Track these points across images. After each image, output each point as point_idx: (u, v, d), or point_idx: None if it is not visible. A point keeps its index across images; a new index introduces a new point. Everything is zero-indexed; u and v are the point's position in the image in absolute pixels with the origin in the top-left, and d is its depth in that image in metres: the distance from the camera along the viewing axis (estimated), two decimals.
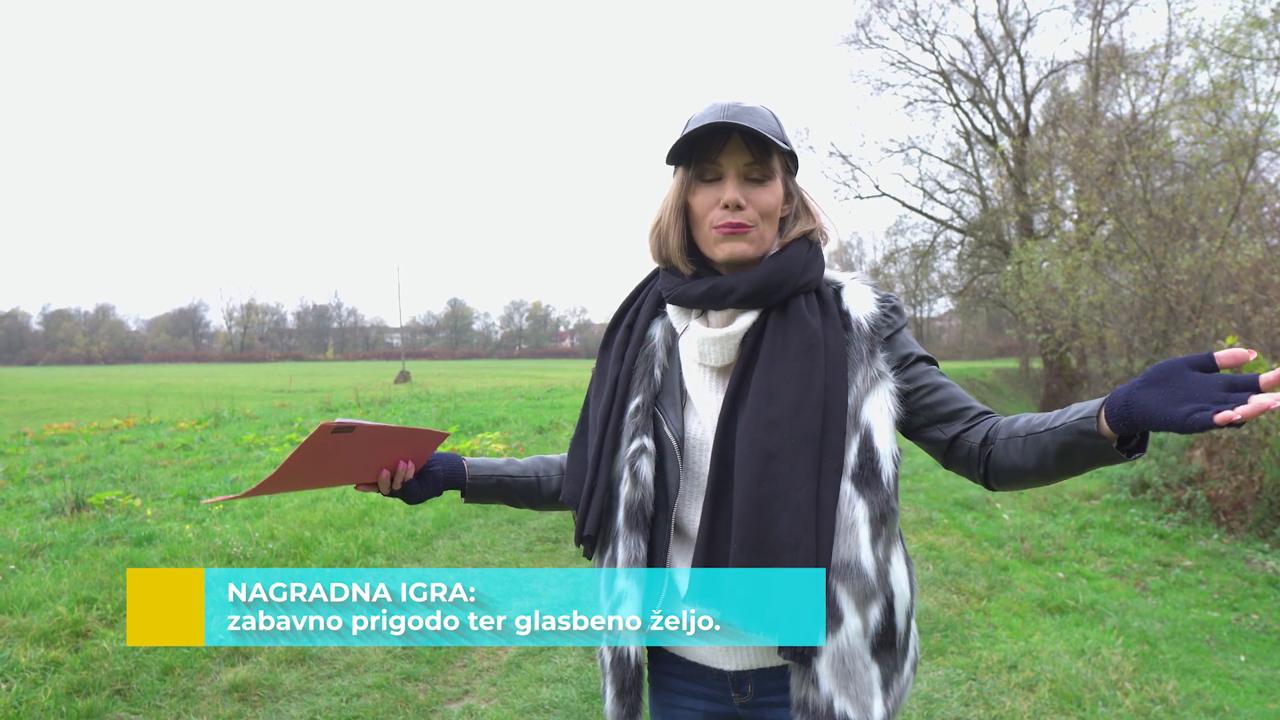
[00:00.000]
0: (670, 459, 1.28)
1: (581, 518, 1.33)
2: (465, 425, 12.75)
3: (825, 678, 1.20)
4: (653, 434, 1.29)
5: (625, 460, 1.29)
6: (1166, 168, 14.02)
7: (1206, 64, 12.25)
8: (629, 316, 1.40)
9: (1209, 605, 4.82)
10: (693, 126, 1.26)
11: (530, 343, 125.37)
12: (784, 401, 1.20)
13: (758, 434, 1.20)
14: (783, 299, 1.27)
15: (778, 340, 1.25)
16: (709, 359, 1.29)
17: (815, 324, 1.26)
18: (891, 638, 1.25)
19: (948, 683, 3.67)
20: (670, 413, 1.30)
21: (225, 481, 8.11)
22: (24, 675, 3.41)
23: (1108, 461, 1.08)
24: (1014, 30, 24.35)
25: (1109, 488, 7.55)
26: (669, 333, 1.35)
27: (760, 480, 1.18)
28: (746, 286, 1.26)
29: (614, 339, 1.40)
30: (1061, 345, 17.24)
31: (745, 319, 1.28)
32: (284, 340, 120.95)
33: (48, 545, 5.29)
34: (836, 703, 1.20)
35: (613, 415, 1.32)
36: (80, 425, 15.42)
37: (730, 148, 1.26)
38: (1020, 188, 22.98)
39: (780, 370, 1.22)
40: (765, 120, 1.28)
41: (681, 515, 1.28)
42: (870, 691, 1.22)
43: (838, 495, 1.20)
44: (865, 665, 1.22)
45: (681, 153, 1.30)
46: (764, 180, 1.28)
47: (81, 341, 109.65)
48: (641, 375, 1.32)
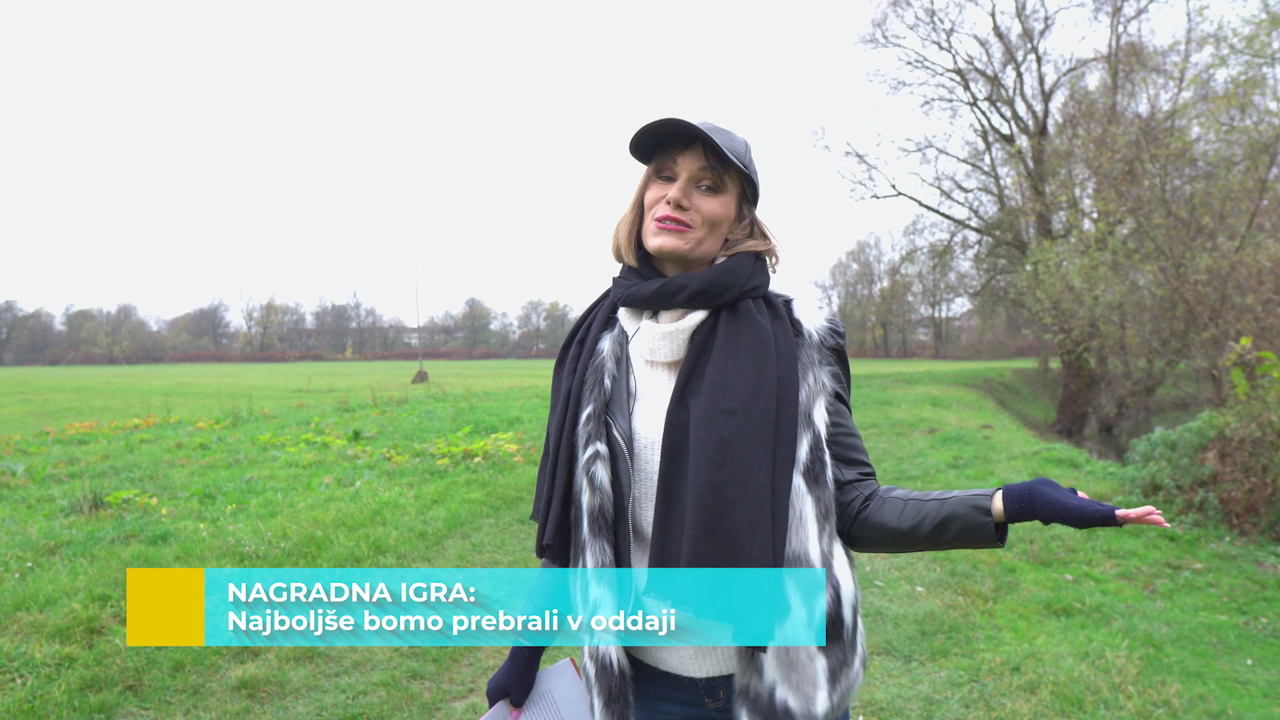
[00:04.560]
0: (621, 461, 1.30)
1: (540, 528, 1.37)
2: (479, 425, 12.81)
3: (769, 666, 1.23)
4: (605, 439, 1.32)
5: (582, 468, 1.32)
6: (1186, 166, 13.90)
7: (1226, 62, 12.16)
8: (580, 333, 1.44)
9: (1218, 608, 4.79)
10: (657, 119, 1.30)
11: (548, 343, 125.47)
12: (739, 392, 1.24)
13: (714, 422, 1.22)
14: (731, 300, 1.32)
15: (729, 336, 1.29)
16: (659, 354, 1.33)
17: (765, 324, 1.31)
18: (839, 630, 1.28)
19: (949, 684, 3.67)
20: (619, 416, 1.32)
21: (241, 481, 8.21)
22: (39, 670, 3.48)
23: (978, 541, 1.22)
24: (1032, 28, 24.20)
25: (1121, 489, 7.50)
26: (618, 343, 1.39)
27: (718, 467, 1.20)
28: (696, 285, 1.30)
29: (567, 355, 1.44)
30: (1079, 345, 17.12)
31: (695, 316, 1.32)
32: (303, 340, 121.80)
33: (65, 543, 5.38)
34: (778, 692, 1.23)
35: (565, 426, 1.35)
36: (101, 425, 15.63)
37: (690, 152, 1.32)
38: (1038, 187, 22.83)
39: (734, 364, 1.26)
40: (732, 141, 1.33)
41: (638, 516, 1.31)
42: (814, 683, 1.25)
43: (790, 485, 1.24)
44: (810, 656, 1.25)
45: (647, 150, 1.36)
46: (714, 191, 1.33)
47: (104, 342, 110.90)
48: (592, 385, 1.35)
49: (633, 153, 1.37)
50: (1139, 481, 7.24)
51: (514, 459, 9.06)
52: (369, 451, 10.20)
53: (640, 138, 1.32)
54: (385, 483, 7.89)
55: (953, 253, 30.15)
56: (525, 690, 1.47)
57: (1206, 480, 6.56)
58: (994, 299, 30.98)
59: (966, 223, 28.55)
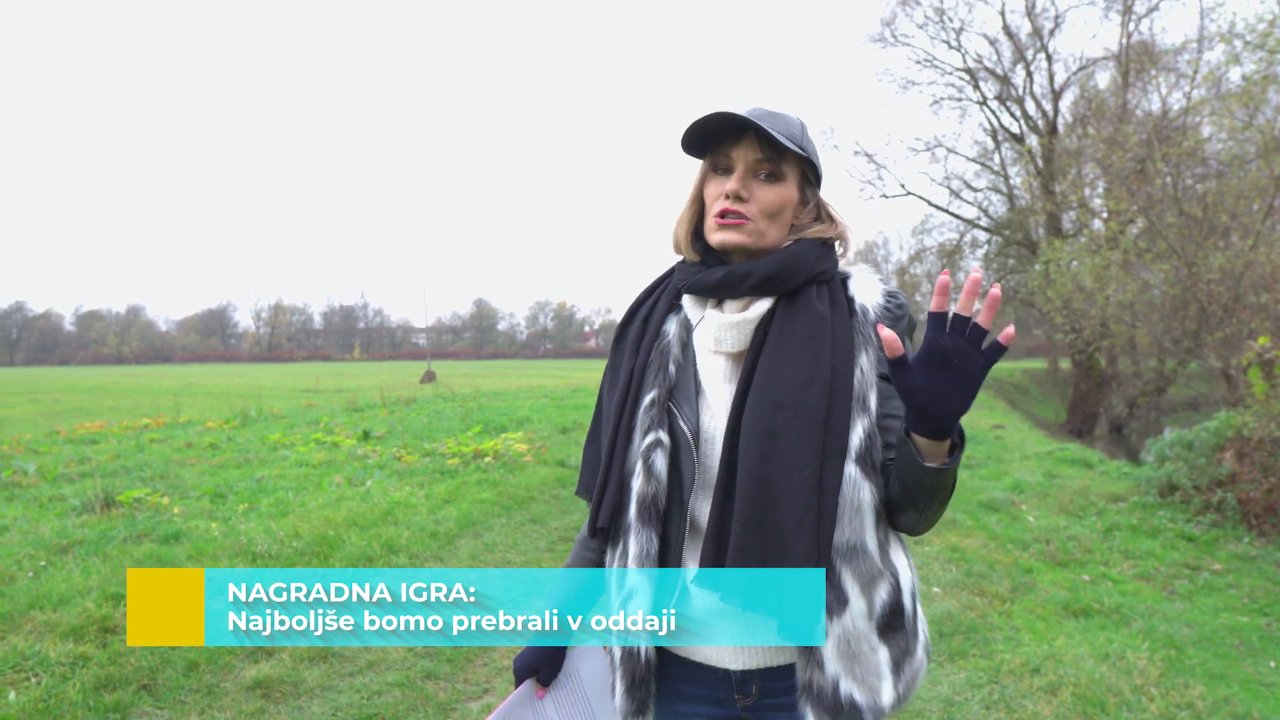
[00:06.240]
0: (685, 452, 1.27)
1: (595, 510, 1.33)
2: (489, 425, 12.80)
3: (831, 659, 1.20)
4: (667, 428, 1.28)
5: (639, 454, 1.28)
6: (1198, 165, 13.83)
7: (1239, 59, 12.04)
8: (644, 310, 1.41)
9: (1238, 610, 4.74)
10: (707, 113, 1.27)
11: (555, 343, 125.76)
12: (789, 383, 1.21)
13: (763, 415, 1.20)
14: (794, 287, 1.28)
15: (785, 325, 1.26)
16: (725, 344, 1.29)
17: (823, 310, 1.27)
18: (900, 619, 1.25)
19: (969, 685, 3.63)
20: (685, 406, 1.29)
21: (251, 480, 8.20)
22: (53, 670, 3.47)
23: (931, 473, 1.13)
24: (1042, 27, 24.10)
25: (1136, 489, 7.44)
26: (684, 327, 1.36)
27: (764, 459, 1.17)
28: (762, 272, 1.27)
29: (628, 333, 1.40)
30: (1090, 345, 17.02)
31: (761, 305, 1.29)
32: (311, 340, 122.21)
33: (78, 542, 5.38)
34: (843, 684, 1.20)
35: (626, 409, 1.32)
36: (111, 424, 15.67)
37: (744, 143, 1.29)
38: (1048, 186, 22.73)
39: (786, 354, 1.23)
40: (787, 126, 1.29)
41: (696, 511, 1.27)
42: (878, 674, 1.22)
43: (841, 477, 1.20)
44: (872, 647, 1.22)
45: (701, 145, 1.33)
46: (772, 179, 1.30)
47: (113, 342, 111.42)
48: (656, 370, 1.32)
49: (685, 149, 1.34)
50: (1155, 481, 7.18)
51: (524, 459, 9.04)
52: (379, 451, 10.19)
53: (691, 134, 1.30)
54: (396, 482, 7.87)
55: (962, 253, 30.01)
56: (555, 669, 1.45)
57: (1224, 480, 6.50)
58: (1003, 299, 30.84)
59: (976, 222, 28.43)
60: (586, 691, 1.46)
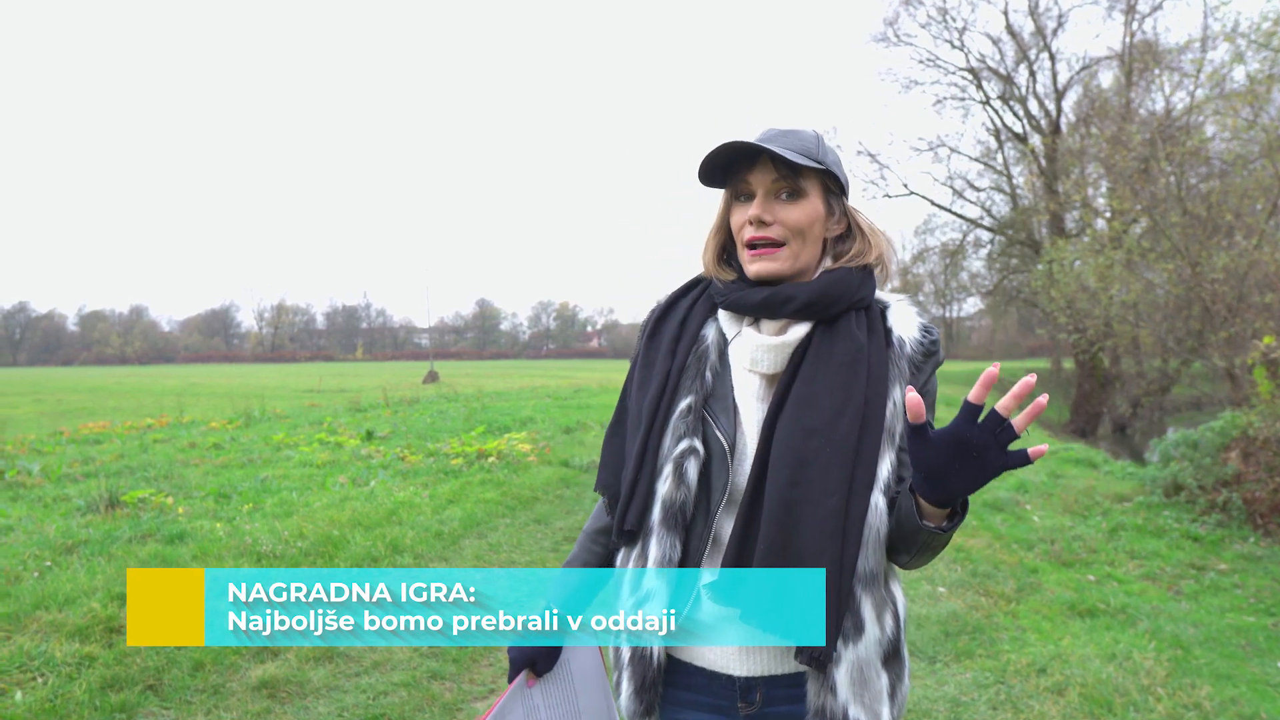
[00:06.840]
0: (719, 464, 1.26)
1: (623, 511, 1.31)
2: (492, 425, 12.79)
3: (843, 685, 1.22)
4: (701, 436, 1.28)
5: (670, 459, 1.27)
6: (1202, 164, 13.78)
7: (1243, 58, 12.01)
8: (682, 312, 1.39)
9: (1245, 610, 4.73)
10: (717, 145, 1.28)
11: (558, 343, 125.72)
12: (823, 410, 1.21)
13: (794, 440, 1.20)
14: (835, 314, 1.28)
15: (822, 352, 1.25)
16: (761, 365, 1.29)
17: (861, 338, 1.26)
18: (898, 647, 1.29)
19: (975, 686, 3.63)
20: (721, 417, 1.29)
21: (256, 480, 8.21)
22: (59, 670, 3.47)
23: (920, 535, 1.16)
24: (1045, 26, 24.06)
25: (1141, 490, 7.43)
26: (721, 337, 1.35)
27: (792, 485, 1.18)
28: (805, 296, 1.27)
29: (663, 330, 1.39)
30: (1093, 345, 16.99)
31: (799, 329, 1.29)
32: (314, 340, 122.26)
33: (83, 542, 5.38)
34: (851, 710, 1.22)
35: (660, 411, 1.31)
36: (114, 424, 15.68)
37: (759, 167, 1.30)
38: (1051, 186, 22.69)
39: (822, 380, 1.23)
40: (800, 142, 1.30)
41: (721, 524, 1.27)
42: (880, 699, 1.25)
43: (867, 506, 1.21)
44: (877, 673, 1.25)
45: (719, 176, 1.34)
46: (794, 197, 1.30)
47: (116, 342, 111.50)
48: (693, 376, 1.31)
49: (704, 182, 1.34)
50: (1160, 481, 7.17)
51: (528, 459, 9.03)
52: (383, 451, 10.20)
53: (706, 167, 1.30)
54: (400, 482, 7.87)
55: (965, 252, 29.97)
56: (550, 663, 1.47)
57: (1229, 480, 6.49)
58: (1006, 299, 30.78)
59: (979, 222, 28.40)
60: (575, 684, 1.49)
